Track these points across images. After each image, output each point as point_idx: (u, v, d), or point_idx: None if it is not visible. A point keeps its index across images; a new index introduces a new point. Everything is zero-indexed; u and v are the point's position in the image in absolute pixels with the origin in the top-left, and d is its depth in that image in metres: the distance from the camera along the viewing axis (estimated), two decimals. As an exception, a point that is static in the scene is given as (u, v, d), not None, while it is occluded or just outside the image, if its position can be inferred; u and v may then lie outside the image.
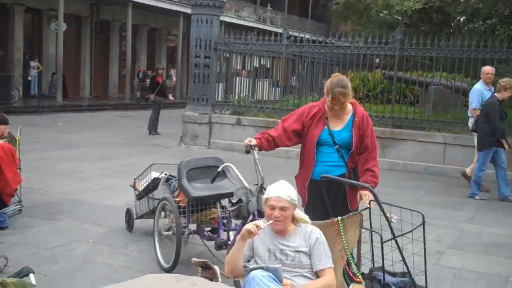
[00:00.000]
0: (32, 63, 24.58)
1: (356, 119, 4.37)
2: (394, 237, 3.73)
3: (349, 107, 4.42)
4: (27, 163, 8.07)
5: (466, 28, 21.05)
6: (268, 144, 4.56)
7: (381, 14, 27.56)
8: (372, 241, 3.85)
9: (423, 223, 3.85)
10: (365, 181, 4.24)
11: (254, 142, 4.49)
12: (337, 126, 4.38)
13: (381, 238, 3.62)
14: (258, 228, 3.37)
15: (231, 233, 5.26)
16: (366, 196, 4.14)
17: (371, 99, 12.99)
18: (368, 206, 3.99)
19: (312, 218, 3.83)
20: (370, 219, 3.93)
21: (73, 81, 26.77)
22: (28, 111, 20.17)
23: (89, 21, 27.72)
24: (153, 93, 16.27)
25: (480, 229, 7.37)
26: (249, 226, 3.39)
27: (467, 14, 19.74)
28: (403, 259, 3.81)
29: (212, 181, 5.30)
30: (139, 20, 29.02)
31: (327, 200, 4.21)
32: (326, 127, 4.35)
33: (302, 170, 4.57)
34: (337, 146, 4.34)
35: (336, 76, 4.39)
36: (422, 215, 3.85)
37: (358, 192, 4.25)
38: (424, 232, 3.89)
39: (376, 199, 3.83)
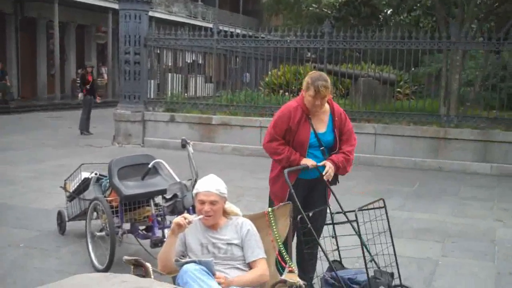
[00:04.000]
0: None
1: (336, 118, 4.40)
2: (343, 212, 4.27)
3: (326, 105, 4.41)
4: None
5: (392, 20, 21.64)
6: None
7: (310, 8, 27.99)
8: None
9: (385, 206, 4.20)
10: (336, 158, 4.33)
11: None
12: (321, 128, 4.37)
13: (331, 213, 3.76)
14: (187, 220, 3.37)
15: (166, 231, 5.23)
16: (329, 170, 4.27)
17: (303, 92, 13.15)
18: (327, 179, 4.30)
19: (295, 216, 3.90)
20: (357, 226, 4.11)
21: (-1, 82, 25.87)
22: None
23: (13, 19, 26.76)
24: (83, 91, 15.93)
25: (410, 216, 7.61)
26: (178, 219, 3.39)
27: (392, 6, 20.28)
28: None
29: (143, 178, 5.27)
30: (67, 17, 28.26)
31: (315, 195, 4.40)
32: (312, 130, 4.33)
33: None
34: (322, 148, 4.36)
35: (315, 72, 4.39)
36: (383, 200, 4.20)
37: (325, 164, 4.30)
38: (387, 214, 4.23)
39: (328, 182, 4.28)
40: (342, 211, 4.31)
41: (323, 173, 4.26)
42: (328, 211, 4.47)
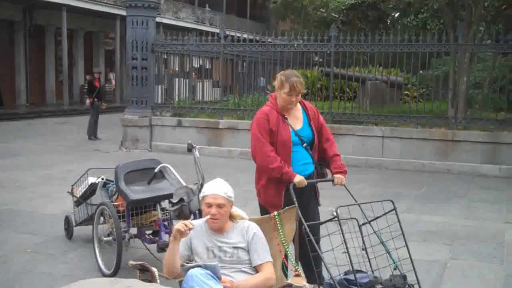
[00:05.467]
0: None
1: (309, 113, 4.45)
2: (369, 222, 4.12)
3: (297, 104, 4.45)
4: (-41, 174, 7.78)
5: (400, 23, 21.59)
6: None
7: (318, 13, 27.98)
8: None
9: (395, 208, 4.10)
10: (338, 166, 4.45)
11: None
12: (297, 125, 4.39)
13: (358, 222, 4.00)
14: (188, 227, 3.35)
15: (172, 235, 5.22)
16: (340, 179, 4.42)
17: (310, 96, 13.15)
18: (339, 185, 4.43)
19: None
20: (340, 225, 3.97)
21: (8, 88, 26.02)
22: (-40, 121, 19.49)
23: (22, 26, 26.95)
24: (91, 97, 15.97)
25: (419, 218, 7.57)
26: (179, 225, 3.37)
27: (399, 9, 20.24)
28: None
29: (149, 183, 5.26)
30: (75, 24, 28.42)
31: (304, 199, 4.32)
32: (291, 128, 4.33)
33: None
34: (304, 145, 4.37)
35: (287, 70, 4.45)
36: (392, 201, 4.09)
37: (333, 175, 4.43)
38: (397, 216, 4.12)
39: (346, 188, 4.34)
40: (367, 221, 4.22)
41: (336, 182, 4.43)
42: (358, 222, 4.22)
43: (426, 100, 12.93)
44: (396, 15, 24.17)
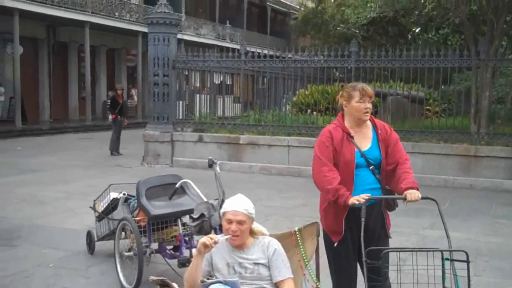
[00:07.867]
0: None
1: (379, 131, 3.98)
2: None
3: (367, 122, 4.01)
4: (-17, 189, 7.89)
5: (421, 38, 21.52)
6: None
7: (338, 28, 28.04)
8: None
9: (468, 261, 3.52)
10: (409, 182, 3.84)
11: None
12: (365, 145, 3.92)
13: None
14: (213, 240, 3.36)
15: (194, 250, 5.22)
16: (414, 194, 3.80)
17: (331, 111, 13.13)
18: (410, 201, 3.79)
19: (352, 250, 3.80)
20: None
21: (32, 104, 26.36)
22: (-15, 137, 19.77)
23: (46, 43, 27.38)
24: (114, 113, 16.09)
25: (441, 235, 7.43)
26: (204, 239, 3.38)
27: (420, 24, 20.18)
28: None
29: (170, 198, 5.29)
30: (97, 41, 28.79)
31: (369, 225, 3.79)
32: (356, 149, 3.87)
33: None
34: (371, 167, 3.89)
35: (349, 83, 4.13)
36: (466, 253, 3.52)
37: (404, 192, 3.81)
38: (468, 269, 3.54)
39: (439, 210, 3.79)
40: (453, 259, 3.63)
41: (407, 199, 3.82)
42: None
43: (448, 116, 12.84)
44: (417, 30, 24.11)
